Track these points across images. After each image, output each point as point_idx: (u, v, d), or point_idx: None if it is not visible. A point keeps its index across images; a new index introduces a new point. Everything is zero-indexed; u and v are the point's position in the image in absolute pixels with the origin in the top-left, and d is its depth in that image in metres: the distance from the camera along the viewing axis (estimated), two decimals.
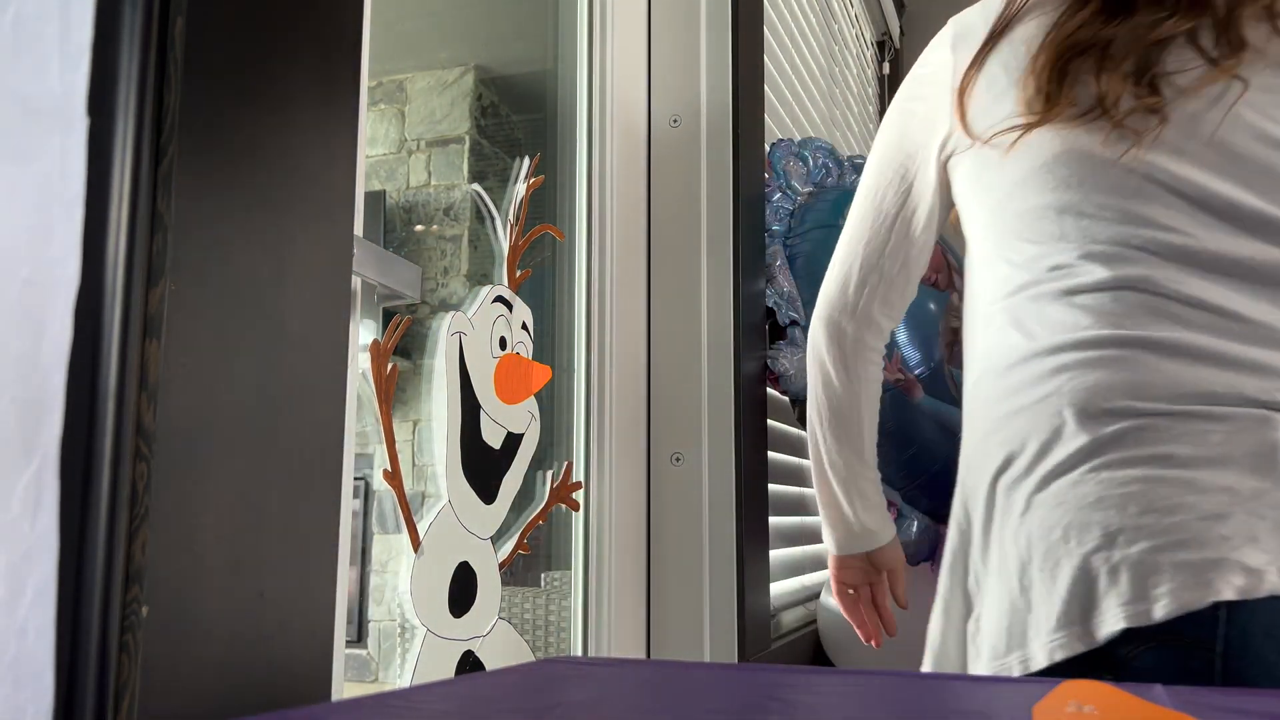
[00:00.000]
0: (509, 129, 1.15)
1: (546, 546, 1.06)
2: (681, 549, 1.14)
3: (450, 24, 1.15)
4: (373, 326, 0.70)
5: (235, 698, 0.44)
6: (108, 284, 0.41)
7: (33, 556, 0.38)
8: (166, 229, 0.42)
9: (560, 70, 1.16)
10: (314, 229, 0.51)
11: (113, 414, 0.40)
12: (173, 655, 0.41)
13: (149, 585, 0.40)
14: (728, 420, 1.16)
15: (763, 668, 0.52)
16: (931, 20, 3.28)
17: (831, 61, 2.14)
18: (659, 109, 1.22)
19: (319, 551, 0.50)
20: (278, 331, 0.48)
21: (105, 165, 0.41)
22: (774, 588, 1.38)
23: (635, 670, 0.52)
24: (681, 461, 1.16)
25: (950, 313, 1.33)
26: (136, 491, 0.40)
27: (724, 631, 1.13)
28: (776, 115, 1.61)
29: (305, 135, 0.51)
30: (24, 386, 0.38)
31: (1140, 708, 0.39)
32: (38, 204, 0.39)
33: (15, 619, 0.37)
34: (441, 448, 0.76)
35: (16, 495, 0.37)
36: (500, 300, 0.85)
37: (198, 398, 0.43)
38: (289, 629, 0.48)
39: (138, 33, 0.42)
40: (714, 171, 1.21)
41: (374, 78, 0.67)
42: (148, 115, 0.42)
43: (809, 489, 1.62)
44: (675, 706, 0.42)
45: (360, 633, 0.96)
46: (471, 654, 0.78)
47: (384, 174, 1.10)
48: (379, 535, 0.99)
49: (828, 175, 1.47)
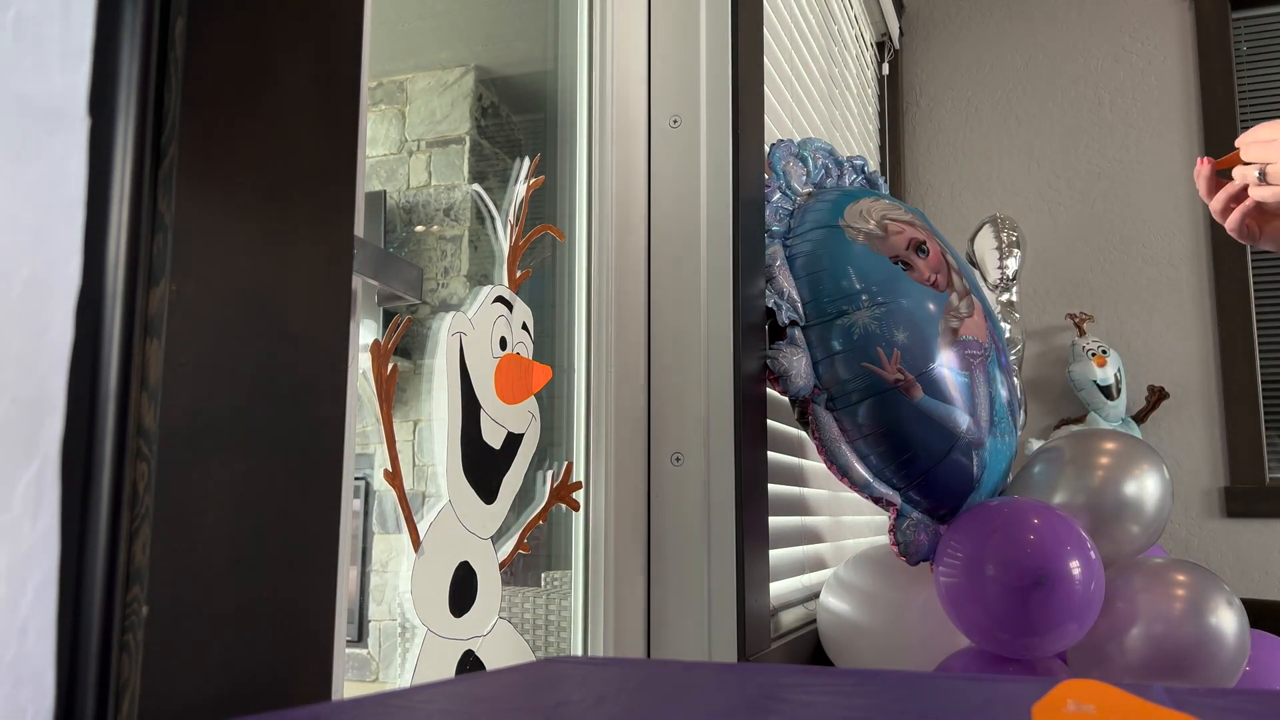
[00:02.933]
0: (509, 129, 1.15)
1: (546, 546, 1.06)
2: (681, 549, 1.14)
3: (450, 24, 1.15)
4: (373, 326, 0.70)
5: (235, 698, 0.44)
6: (108, 284, 0.41)
7: (33, 556, 0.38)
8: (166, 229, 0.42)
9: (560, 70, 1.16)
10: (314, 229, 0.51)
11: (113, 414, 0.40)
12: (173, 655, 0.41)
13: (149, 585, 0.40)
14: (728, 420, 1.16)
15: (763, 668, 0.52)
16: (931, 20, 3.28)
17: (831, 62, 2.14)
18: (659, 109, 1.22)
19: (319, 551, 0.50)
20: (278, 331, 0.48)
21: (105, 165, 0.41)
22: (774, 588, 1.38)
23: (635, 670, 0.52)
24: (681, 461, 1.16)
25: (950, 313, 1.33)
26: (136, 491, 0.40)
27: (724, 631, 1.13)
28: (776, 115, 1.61)
29: (305, 135, 0.51)
30: (24, 386, 0.38)
31: (1140, 707, 0.39)
32: (38, 204, 0.39)
33: (15, 619, 0.37)
34: (442, 448, 0.76)
35: (17, 495, 0.37)
36: (500, 300, 0.85)
37: (198, 398, 0.43)
38: (289, 629, 0.48)
39: (138, 33, 0.42)
40: (714, 172, 1.21)
41: (374, 78, 0.68)
42: (148, 115, 0.42)
43: (809, 489, 1.62)
44: (675, 706, 0.42)
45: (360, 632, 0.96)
46: (472, 654, 0.78)
47: (384, 174, 1.10)
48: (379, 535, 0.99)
49: (827, 176, 1.47)
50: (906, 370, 1.26)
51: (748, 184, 1.24)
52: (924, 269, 1.34)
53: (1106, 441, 1.38)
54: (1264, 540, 2.46)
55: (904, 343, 1.26)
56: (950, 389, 1.29)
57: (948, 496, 1.31)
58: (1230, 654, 1.18)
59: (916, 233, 1.37)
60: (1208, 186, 1.04)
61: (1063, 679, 0.44)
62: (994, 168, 2.76)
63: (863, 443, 1.27)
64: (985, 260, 2.21)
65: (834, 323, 1.27)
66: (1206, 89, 2.61)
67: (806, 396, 1.28)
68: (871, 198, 1.41)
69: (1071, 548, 1.17)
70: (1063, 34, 2.76)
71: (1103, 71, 2.71)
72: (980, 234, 2.26)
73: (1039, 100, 2.74)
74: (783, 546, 1.44)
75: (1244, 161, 1.00)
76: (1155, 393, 2.53)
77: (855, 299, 1.27)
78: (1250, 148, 0.99)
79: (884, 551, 1.43)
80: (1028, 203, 2.71)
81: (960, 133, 2.81)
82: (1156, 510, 1.34)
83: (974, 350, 1.34)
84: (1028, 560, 1.16)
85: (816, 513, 1.65)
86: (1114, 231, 2.64)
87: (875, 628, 1.38)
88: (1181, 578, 1.23)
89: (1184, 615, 1.19)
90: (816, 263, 1.31)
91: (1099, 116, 2.70)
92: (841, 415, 1.27)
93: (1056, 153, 2.71)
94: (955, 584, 1.22)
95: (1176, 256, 2.59)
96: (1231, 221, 1.03)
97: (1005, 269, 2.18)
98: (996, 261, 2.19)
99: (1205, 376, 2.54)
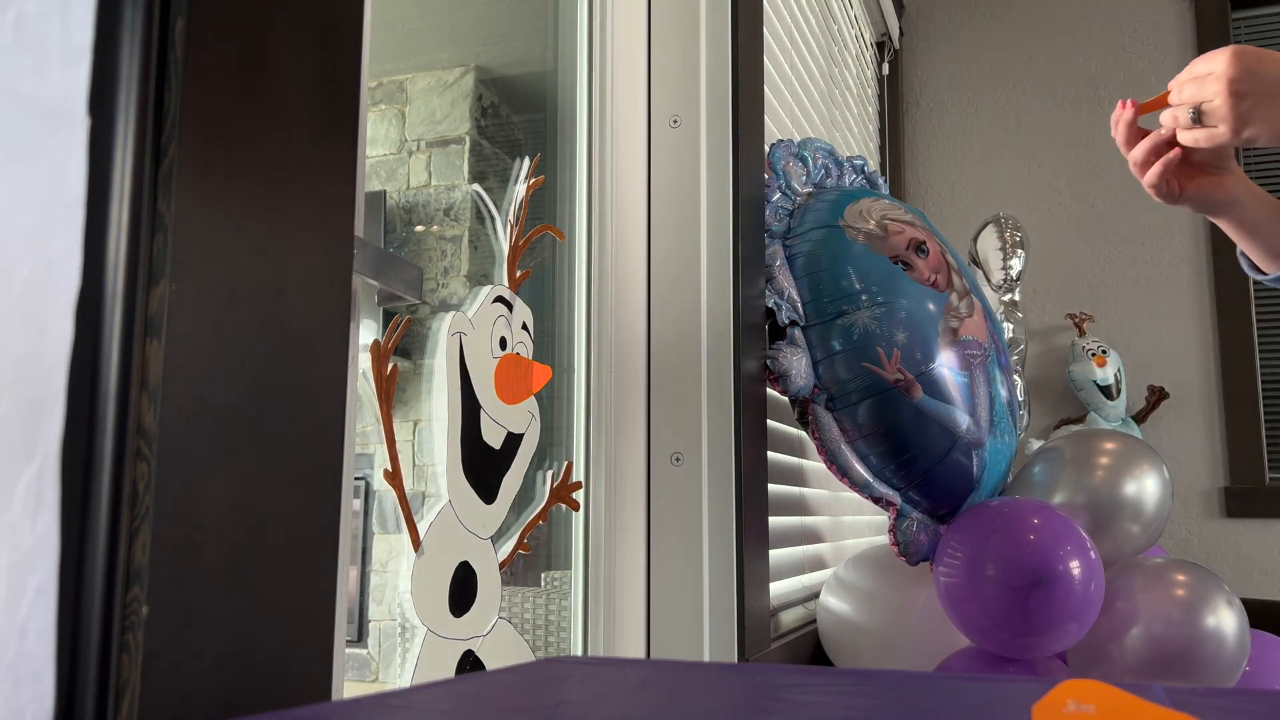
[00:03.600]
0: (509, 129, 1.15)
1: (546, 546, 1.06)
2: (681, 549, 1.14)
3: (450, 24, 1.15)
4: (373, 326, 0.70)
5: (235, 698, 0.44)
6: (108, 284, 0.41)
7: (33, 556, 0.38)
8: (166, 229, 0.42)
9: (560, 70, 1.16)
10: (314, 229, 0.51)
11: (113, 414, 0.40)
12: (173, 655, 0.41)
13: (149, 585, 0.40)
14: (728, 420, 1.16)
15: (763, 668, 0.52)
16: (931, 21, 3.28)
17: (831, 62, 2.14)
18: (659, 109, 1.22)
19: (319, 551, 0.50)
20: (278, 331, 0.48)
21: (105, 165, 0.41)
22: (774, 588, 1.38)
23: (635, 670, 0.52)
24: (681, 461, 1.16)
25: (950, 313, 1.33)
26: (136, 491, 0.40)
27: (724, 631, 1.13)
28: (776, 115, 1.61)
29: (305, 135, 0.51)
30: (24, 386, 0.38)
31: (1140, 707, 0.39)
32: (38, 204, 0.39)
33: (15, 619, 0.37)
34: (442, 448, 0.76)
35: (17, 495, 0.37)
36: (500, 300, 0.85)
37: (198, 398, 0.43)
38: (289, 629, 0.48)
39: (138, 33, 0.42)
40: (714, 172, 1.21)
41: (374, 78, 0.68)
42: (148, 115, 0.42)
43: (809, 489, 1.62)
44: (675, 706, 0.42)
45: (360, 632, 0.96)
46: (472, 654, 0.78)
47: (384, 174, 1.10)
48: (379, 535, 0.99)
49: (827, 175, 1.47)
50: (906, 370, 1.26)
51: (748, 184, 1.24)
52: (924, 269, 1.34)
53: (1106, 441, 1.38)
54: (1264, 540, 2.46)
55: (904, 343, 1.26)
56: (950, 389, 1.29)
57: (948, 496, 1.31)
58: (1230, 654, 1.18)
59: (916, 233, 1.37)
60: (1127, 135, 0.91)
61: (1063, 679, 0.44)
62: (994, 168, 2.76)
63: (863, 443, 1.27)
64: (989, 260, 2.21)
65: (834, 323, 1.27)
66: None
67: (806, 396, 1.28)
68: (871, 198, 1.41)
69: (1071, 548, 1.17)
70: (1063, 34, 2.76)
71: (1103, 71, 2.71)
72: (983, 234, 2.25)
73: (1039, 100, 2.74)
74: (783, 546, 1.44)
75: (1172, 104, 0.86)
76: (1155, 393, 2.53)
77: (855, 299, 1.27)
78: (1183, 87, 0.85)
79: (884, 551, 1.43)
80: (1028, 203, 2.71)
81: (960, 133, 2.81)
82: (1156, 510, 1.34)
83: (974, 350, 1.34)
84: (1028, 560, 1.16)
85: (816, 513, 1.65)
86: (1114, 231, 2.64)
87: (875, 628, 1.38)
88: (1181, 578, 1.23)
89: (1184, 615, 1.19)
90: (816, 263, 1.31)
91: (1099, 116, 2.70)
92: (841, 415, 1.27)
93: (1056, 153, 2.71)
94: (955, 584, 1.22)
95: (1176, 256, 2.59)
96: (1151, 176, 0.90)
97: (1009, 269, 2.18)
98: (1000, 261, 2.18)
99: (1205, 376, 2.53)
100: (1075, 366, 2.49)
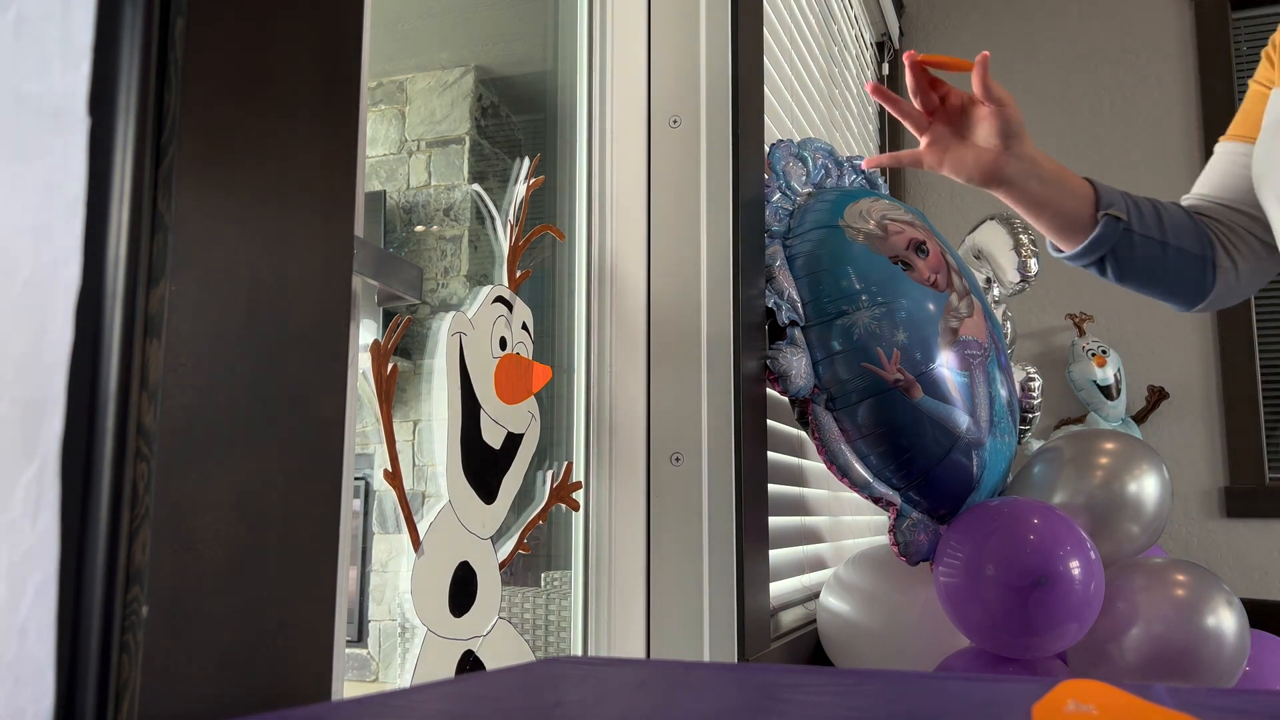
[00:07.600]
0: (509, 129, 1.15)
1: (546, 546, 1.06)
2: (681, 549, 1.14)
3: (450, 24, 1.15)
4: (373, 326, 0.70)
5: (235, 698, 0.44)
6: (108, 284, 0.41)
7: (33, 556, 0.38)
8: (166, 229, 0.42)
9: (560, 70, 1.16)
10: (314, 229, 0.51)
11: (113, 414, 0.40)
12: (173, 655, 0.41)
13: (149, 585, 0.40)
14: (728, 420, 1.16)
15: (763, 668, 0.52)
16: (931, 21, 3.27)
17: (831, 62, 2.14)
18: (659, 109, 1.22)
19: (319, 551, 0.50)
20: (278, 331, 0.48)
21: (105, 165, 0.41)
22: (774, 588, 1.38)
23: (635, 670, 0.52)
24: (681, 461, 1.16)
25: (950, 313, 1.33)
26: (137, 491, 0.40)
27: (724, 631, 1.13)
28: (776, 116, 1.61)
29: (305, 135, 0.51)
30: (24, 386, 0.38)
31: (1140, 707, 0.39)
32: (38, 204, 0.39)
33: (15, 619, 0.37)
34: (442, 448, 0.76)
35: (17, 495, 0.37)
36: (500, 300, 0.85)
37: (198, 398, 0.43)
38: (289, 629, 0.48)
39: (138, 33, 0.42)
40: (714, 172, 1.21)
41: (374, 78, 0.68)
42: (148, 115, 0.42)
43: (809, 489, 1.62)
44: (675, 706, 0.42)
45: (360, 632, 0.96)
46: (471, 654, 0.78)
47: (384, 174, 1.10)
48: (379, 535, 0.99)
49: (827, 176, 1.47)
50: (906, 370, 1.26)
51: (748, 184, 1.24)
52: (924, 269, 1.34)
53: (1106, 441, 1.38)
54: (1264, 540, 2.46)
55: (904, 343, 1.26)
56: (950, 389, 1.29)
57: (947, 496, 1.31)
58: (1230, 654, 1.18)
59: (916, 233, 1.37)
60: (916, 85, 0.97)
61: (1063, 679, 0.44)
62: None
63: (863, 443, 1.27)
64: (1000, 259, 2.19)
65: (834, 323, 1.27)
66: (1206, 89, 2.61)
67: (806, 396, 1.28)
68: (871, 198, 1.41)
69: (1071, 548, 1.17)
70: (1063, 34, 2.76)
71: (1103, 71, 2.71)
72: (987, 231, 2.24)
73: (1039, 100, 2.74)
74: (783, 546, 1.44)
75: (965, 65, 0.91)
76: (1155, 393, 2.53)
77: (855, 299, 1.27)
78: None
79: (884, 551, 1.43)
80: None
81: None
82: (1156, 510, 1.34)
83: (974, 350, 1.34)
84: (1028, 560, 1.16)
85: (816, 513, 1.65)
86: None
87: (875, 628, 1.38)
88: (1181, 578, 1.23)
89: (1184, 615, 1.19)
90: (816, 263, 1.31)
91: (1099, 116, 2.70)
92: (841, 415, 1.27)
93: (1056, 152, 2.70)
94: (955, 584, 1.22)
95: None
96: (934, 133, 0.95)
97: (1027, 269, 2.16)
98: (1015, 262, 2.17)
99: (1205, 376, 2.53)
100: (1075, 366, 2.49)
